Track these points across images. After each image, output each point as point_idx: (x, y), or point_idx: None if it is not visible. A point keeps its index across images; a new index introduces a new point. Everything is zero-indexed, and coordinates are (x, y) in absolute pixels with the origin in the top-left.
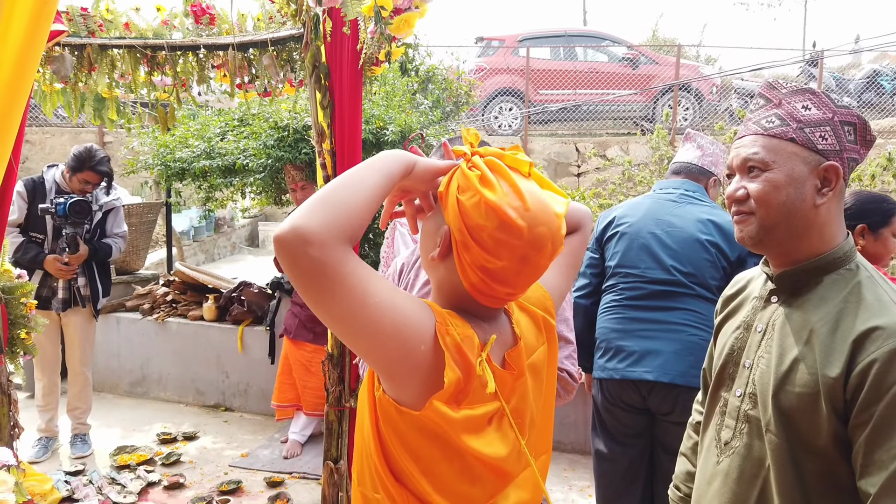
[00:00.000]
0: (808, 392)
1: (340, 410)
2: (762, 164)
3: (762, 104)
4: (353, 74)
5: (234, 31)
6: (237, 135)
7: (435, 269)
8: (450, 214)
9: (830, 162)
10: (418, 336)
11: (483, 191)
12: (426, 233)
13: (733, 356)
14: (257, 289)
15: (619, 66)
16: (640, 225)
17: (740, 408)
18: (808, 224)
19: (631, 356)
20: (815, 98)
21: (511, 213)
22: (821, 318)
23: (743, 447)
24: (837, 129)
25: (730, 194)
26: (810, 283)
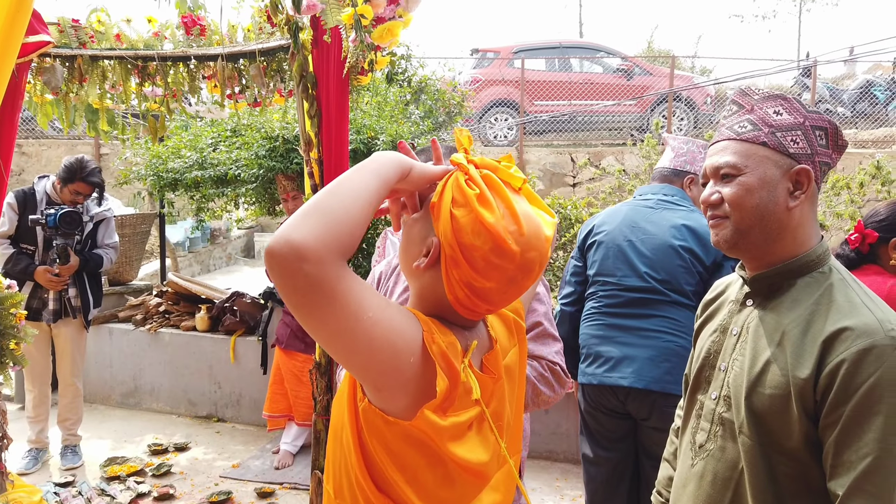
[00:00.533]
0: (779, 393)
1: (328, 419)
2: (735, 168)
3: (735, 110)
4: (339, 83)
5: (225, 41)
6: (229, 145)
7: (418, 278)
8: (441, 227)
9: (802, 165)
10: (409, 348)
11: (481, 211)
12: (411, 239)
13: (709, 360)
14: (250, 299)
15: (613, 77)
16: (616, 233)
17: (715, 410)
18: (781, 227)
19: (608, 362)
20: (787, 104)
21: (507, 238)
22: (792, 320)
23: (717, 450)
24: (809, 133)
25: (704, 199)
26: (784, 286)
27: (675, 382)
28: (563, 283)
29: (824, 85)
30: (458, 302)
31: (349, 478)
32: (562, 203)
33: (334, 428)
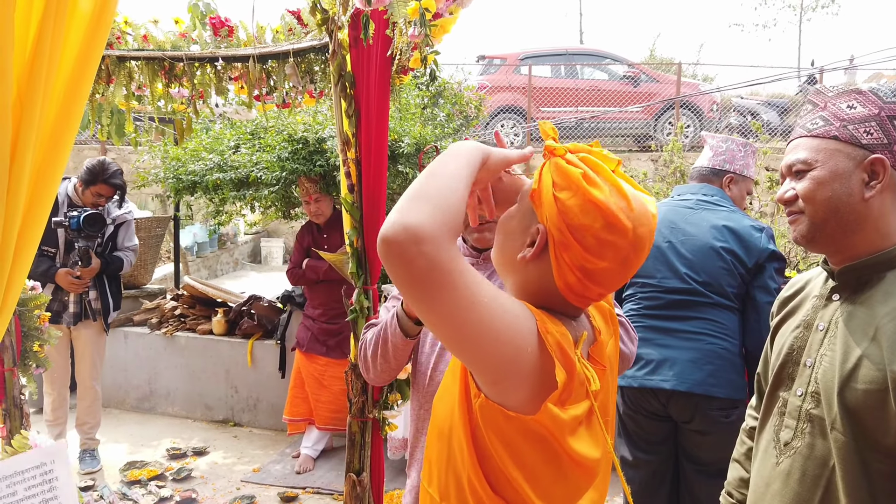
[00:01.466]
0: (875, 389)
1: (363, 421)
2: (805, 163)
3: (810, 109)
4: (382, 81)
5: (253, 42)
6: (250, 147)
7: (520, 271)
8: (546, 212)
9: (876, 155)
10: (524, 337)
11: (589, 189)
12: (509, 233)
13: (793, 356)
14: (267, 302)
15: (619, 83)
16: (656, 234)
17: (801, 407)
18: (859, 218)
19: (649, 364)
20: (862, 97)
21: (619, 214)
22: (887, 313)
23: (805, 447)
24: (885, 123)
25: (780, 197)
26: (873, 279)
27: (718, 385)
28: None
29: None
30: (568, 289)
31: (459, 479)
32: None
33: (440, 429)
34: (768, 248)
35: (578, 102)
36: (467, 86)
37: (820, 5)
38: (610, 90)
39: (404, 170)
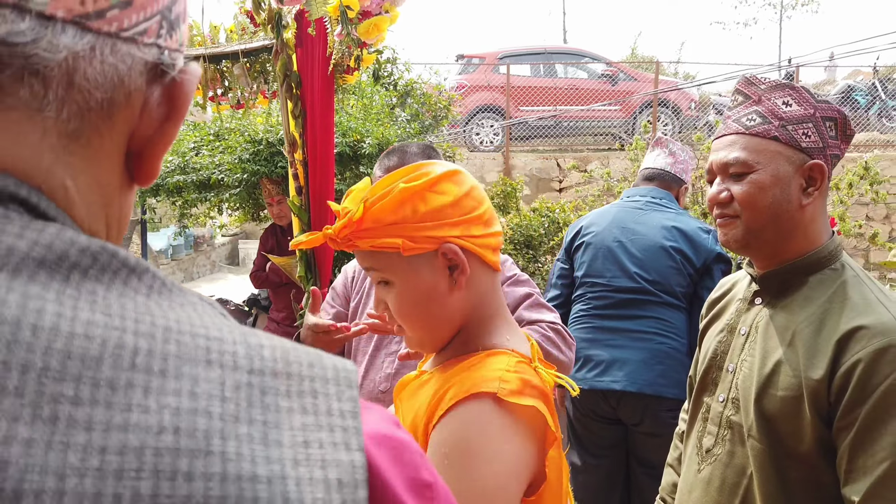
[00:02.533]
0: (791, 395)
1: None
2: (745, 165)
3: (741, 101)
4: (324, 82)
5: (207, 42)
6: (212, 149)
7: (451, 303)
8: (438, 233)
9: (815, 160)
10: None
11: (442, 186)
12: (420, 283)
13: (716, 360)
14: (234, 306)
15: (598, 82)
16: (606, 234)
17: (723, 413)
18: (794, 225)
19: (599, 366)
20: (796, 93)
21: (450, 180)
22: (805, 318)
23: (725, 454)
24: (820, 125)
25: (712, 197)
26: (795, 284)
27: (668, 385)
28: (549, 286)
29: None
30: (496, 253)
31: None
32: (549, 206)
33: None
34: (715, 249)
35: (557, 101)
36: (436, 85)
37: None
38: (588, 89)
39: (366, 171)
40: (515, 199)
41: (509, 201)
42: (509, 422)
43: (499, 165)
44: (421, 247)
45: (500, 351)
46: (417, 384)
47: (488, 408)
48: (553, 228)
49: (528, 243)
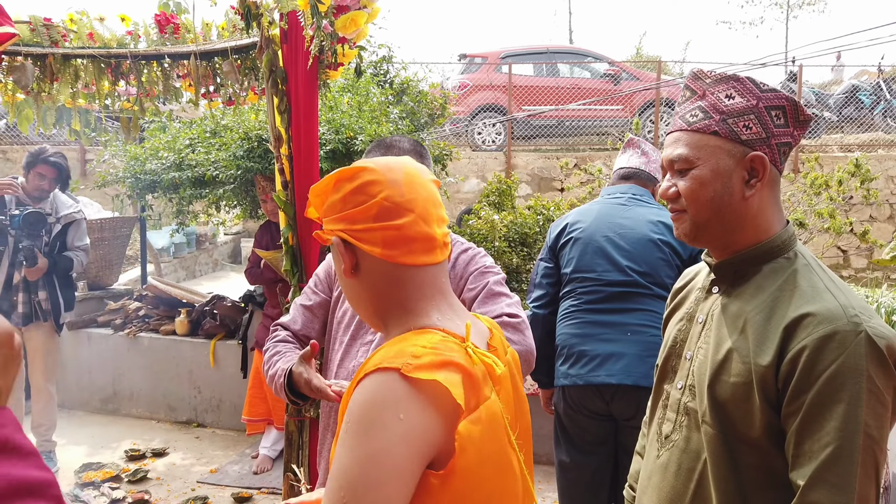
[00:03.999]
0: (741, 381)
1: (300, 421)
2: (687, 161)
3: (688, 96)
4: (307, 77)
5: (199, 40)
6: (207, 146)
7: (356, 290)
8: (328, 227)
9: (756, 152)
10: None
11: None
12: (338, 274)
13: (676, 348)
14: (230, 302)
15: (601, 82)
16: (593, 229)
17: (680, 400)
18: (739, 216)
19: (593, 360)
20: (739, 85)
21: (367, 175)
22: (755, 306)
23: (682, 440)
24: (763, 115)
25: (662, 192)
26: (748, 273)
27: None
28: (533, 285)
29: (810, 90)
30: (404, 254)
31: None
32: (545, 205)
33: None
34: None
35: (560, 101)
36: (433, 83)
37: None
38: (591, 88)
39: None
40: (511, 198)
41: (505, 199)
42: (409, 395)
43: (501, 165)
44: (328, 238)
45: (427, 329)
46: None
47: (390, 381)
48: (548, 226)
49: (523, 241)
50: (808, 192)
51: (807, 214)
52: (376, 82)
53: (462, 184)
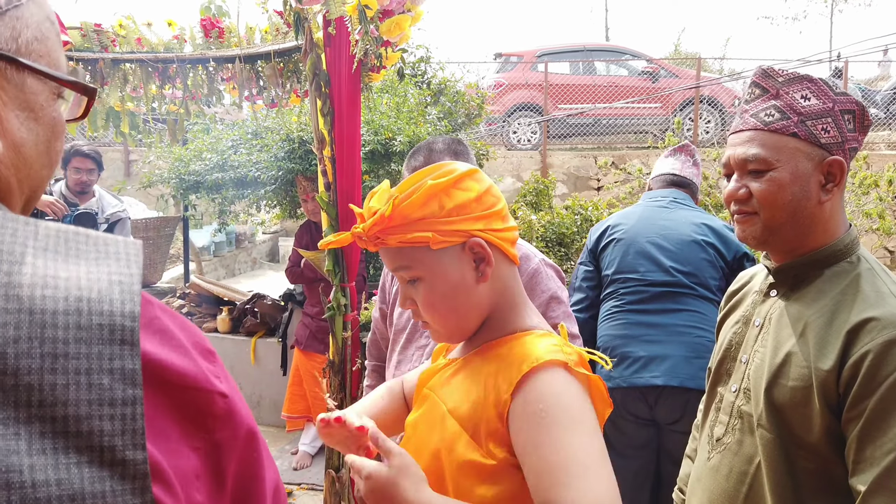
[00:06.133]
0: (801, 386)
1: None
2: (765, 162)
3: (758, 94)
4: (350, 80)
5: (243, 43)
6: (249, 147)
7: (478, 294)
8: (462, 226)
9: (835, 157)
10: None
11: (466, 183)
12: (448, 276)
13: (731, 351)
14: (270, 301)
15: (638, 79)
16: (636, 230)
17: (734, 403)
18: (813, 221)
19: (637, 362)
20: (814, 86)
21: (472, 178)
22: (817, 310)
23: (734, 443)
24: (838, 119)
25: (731, 193)
26: (810, 276)
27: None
28: (572, 289)
29: (856, 86)
30: (513, 244)
31: None
32: (582, 204)
33: None
34: (742, 247)
35: (596, 99)
36: (470, 83)
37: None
38: (628, 86)
39: (397, 168)
40: (549, 197)
41: (542, 199)
42: (581, 388)
43: (536, 164)
44: (448, 240)
45: (542, 331)
46: (450, 371)
47: (564, 374)
48: (586, 226)
49: (560, 241)
50: (857, 191)
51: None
52: (414, 83)
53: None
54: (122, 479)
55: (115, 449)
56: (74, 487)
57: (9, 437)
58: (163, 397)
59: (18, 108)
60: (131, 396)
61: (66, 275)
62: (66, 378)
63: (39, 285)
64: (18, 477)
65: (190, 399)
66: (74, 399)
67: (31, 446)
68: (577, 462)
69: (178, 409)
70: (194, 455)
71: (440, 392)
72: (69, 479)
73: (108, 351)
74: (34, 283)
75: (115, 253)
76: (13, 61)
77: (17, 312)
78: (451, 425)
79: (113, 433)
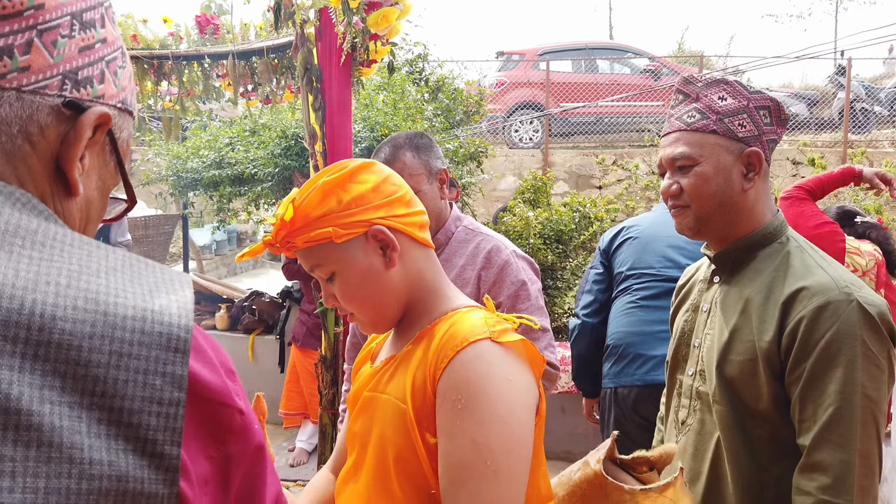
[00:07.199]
0: (747, 359)
1: (334, 413)
2: (689, 158)
3: (682, 100)
4: (339, 73)
5: (237, 40)
6: (246, 144)
7: (390, 280)
8: (360, 216)
9: (752, 148)
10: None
11: (359, 175)
12: (356, 271)
13: (685, 338)
14: (268, 298)
15: (640, 78)
16: (653, 231)
17: (692, 386)
18: (738, 208)
19: (650, 361)
20: (729, 87)
21: (370, 170)
22: (755, 289)
23: (696, 423)
24: (754, 114)
25: (664, 190)
26: (745, 260)
27: None
28: (582, 292)
29: (860, 84)
30: (424, 229)
31: None
32: (581, 202)
33: None
34: None
35: (598, 97)
36: (469, 81)
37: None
38: (630, 84)
39: None
40: (547, 195)
41: (540, 196)
42: (509, 356)
43: (538, 162)
44: (351, 232)
45: (468, 307)
46: (391, 369)
47: (487, 348)
48: (584, 223)
49: (558, 238)
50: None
51: None
52: (412, 80)
53: (498, 182)
54: (157, 470)
55: (156, 442)
56: (121, 470)
57: (74, 419)
58: (193, 406)
59: (97, 174)
60: (177, 399)
61: (132, 290)
62: (126, 375)
63: (113, 293)
64: (80, 454)
65: (214, 412)
66: (131, 394)
67: (90, 429)
68: (481, 461)
69: (202, 420)
70: (208, 463)
71: (386, 388)
72: (118, 462)
73: (164, 356)
74: (109, 291)
75: (170, 280)
76: (129, 112)
77: (95, 313)
78: (402, 413)
79: (157, 428)
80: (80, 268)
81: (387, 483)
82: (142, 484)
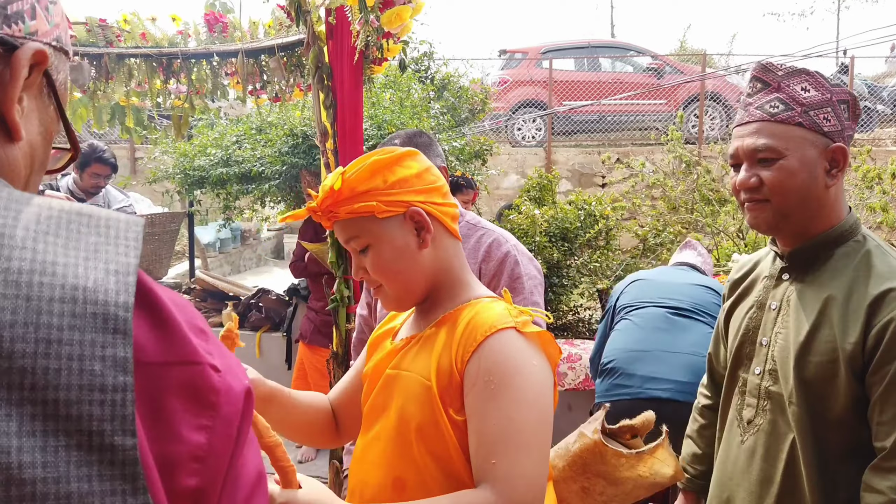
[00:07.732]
0: (827, 360)
1: None
2: (774, 151)
3: (760, 88)
4: (352, 72)
5: (246, 38)
6: (254, 142)
7: (421, 260)
8: (404, 197)
9: (838, 143)
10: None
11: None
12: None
13: (749, 336)
14: (275, 296)
15: (643, 76)
16: (652, 277)
17: (761, 385)
18: (820, 205)
19: (644, 377)
20: (811, 79)
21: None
22: (834, 288)
23: (767, 424)
24: (836, 108)
25: (742, 182)
26: (821, 258)
27: None
28: (596, 347)
29: (863, 82)
30: (455, 219)
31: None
32: (586, 199)
33: None
34: None
35: (601, 95)
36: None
37: None
38: (633, 83)
39: None
40: (552, 193)
41: (545, 194)
42: (532, 346)
43: (541, 160)
44: (392, 210)
45: (490, 298)
46: (415, 347)
47: (513, 336)
48: (589, 221)
49: (563, 236)
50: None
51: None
52: (417, 78)
53: (502, 180)
54: (112, 465)
55: (103, 434)
56: (59, 470)
57: (0, 419)
58: (155, 380)
59: (38, 118)
60: (122, 383)
61: (64, 261)
62: (58, 363)
63: (38, 272)
64: (6, 458)
65: (186, 375)
66: (66, 384)
67: (22, 428)
68: (516, 435)
69: (178, 388)
70: (201, 433)
71: (410, 366)
72: (55, 461)
73: (101, 339)
74: (33, 269)
75: (115, 238)
76: (64, 52)
77: (15, 298)
78: (427, 389)
79: (102, 418)
80: (2, 238)
81: (407, 448)
82: (90, 482)
